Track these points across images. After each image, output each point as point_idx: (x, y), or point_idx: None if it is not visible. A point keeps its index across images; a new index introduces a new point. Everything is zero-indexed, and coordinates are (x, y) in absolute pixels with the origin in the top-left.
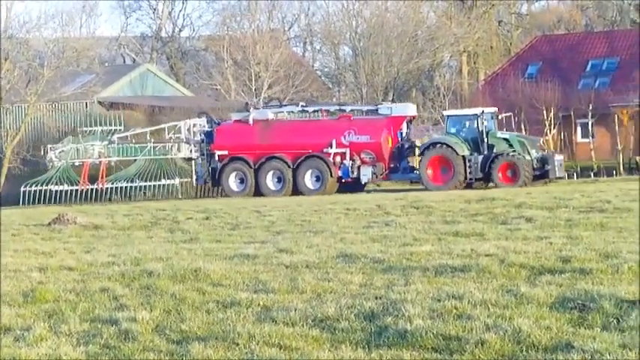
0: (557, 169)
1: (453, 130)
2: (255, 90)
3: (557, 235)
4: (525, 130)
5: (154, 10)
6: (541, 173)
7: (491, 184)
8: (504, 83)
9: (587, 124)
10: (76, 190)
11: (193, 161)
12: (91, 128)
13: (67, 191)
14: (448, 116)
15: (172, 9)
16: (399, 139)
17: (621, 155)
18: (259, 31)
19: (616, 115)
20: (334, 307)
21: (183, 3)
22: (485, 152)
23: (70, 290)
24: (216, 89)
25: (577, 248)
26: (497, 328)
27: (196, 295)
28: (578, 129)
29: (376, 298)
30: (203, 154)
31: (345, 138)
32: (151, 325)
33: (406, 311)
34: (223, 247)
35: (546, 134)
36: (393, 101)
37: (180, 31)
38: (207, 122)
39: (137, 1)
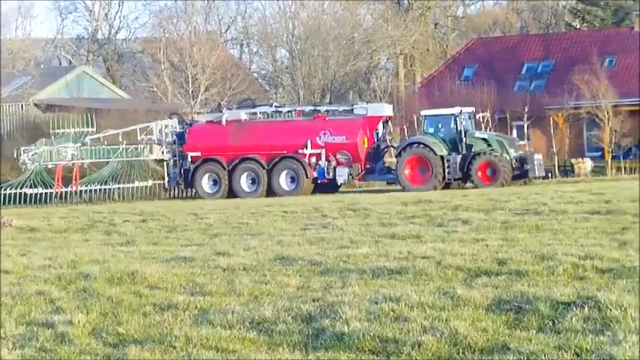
0: (536, 168)
1: (430, 130)
2: (191, 92)
3: (493, 237)
4: None
5: (90, 11)
6: (520, 173)
7: (469, 184)
8: (440, 86)
9: (523, 126)
10: (51, 193)
11: (165, 163)
12: (63, 130)
13: (41, 194)
14: (425, 116)
15: (108, 11)
16: (375, 139)
17: (556, 158)
18: (196, 33)
19: (551, 118)
20: (271, 309)
21: (119, 5)
22: (464, 152)
23: (6, 293)
24: (153, 91)
25: (513, 250)
26: (433, 330)
27: (133, 298)
28: (514, 131)
29: (313, 300)
30: (175, 156)
31: (320, 139)
32: (88, 328)
33: (343, 314)
34: (160, 249)
35: None
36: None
37: (116, 33)
38: (179, 123)
39: (73, 2)
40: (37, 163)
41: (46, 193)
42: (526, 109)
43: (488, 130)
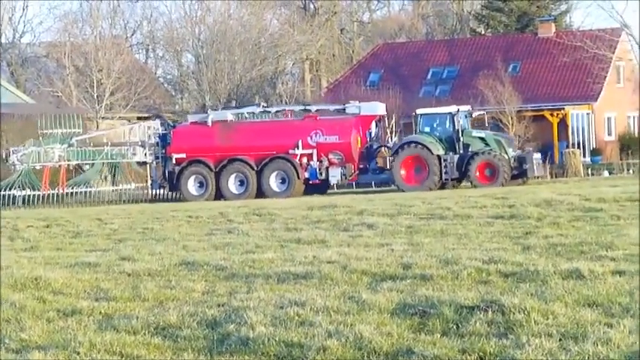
0: (535, 167)
1: (426, 129)
2: (97, 97)
3: (399, 241)
4: None
5: None
6: (519, 172)
7: (464, 184)
8: (346, 91)
9: None
10: (39, 195)
11: (148, 165)
12: (51, 130)
13: (29, 196)
14: (421, 115)
15: (12, 14)
16: (368, 139)
17: None
18: (101, 38)
19: None
20: (176, 314)
21: (24, 9)
22: (461, 151)
23: None
24: (58, 96)
25: (418, 255)
26: (339, 335)
27: (37, 304)
28: None
29: (219, 305)
30: (157, 158)
31: (311, 138)
32: None
33: (249, 318)
34: (64, 255)
35: (388, 141)
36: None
37: (20, 37)
38: (162, 125)
39: None
40: (25, 164)
41: (33, 195)
42: None
43: (394, 134)
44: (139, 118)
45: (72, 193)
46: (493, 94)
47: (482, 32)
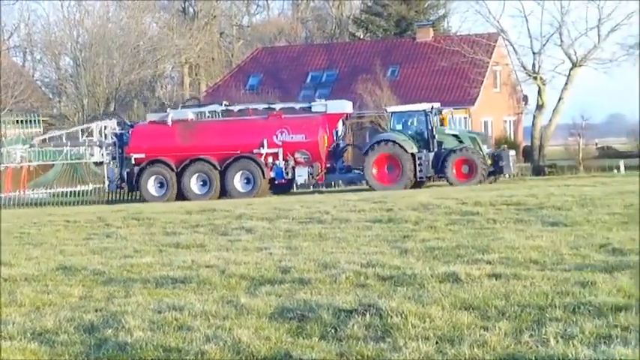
0: (511, 165)
1: (398, 127)
2: None
3: (277, 245)
4: None
5: None
6: (494, 169)
7: (435, 182)
8: (226, 94)
9: None
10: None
11: (105, 165)
12: (12, 131)
13: None
14: (392, 112)
15: None
16: (335, 137)
17: None
18: None
19: None
20: (53, 320)
21: None
22: (435, 149)
23: None
24: None
25: (296, 259)
26: (217, 339)
27: None
28: None
29: (96, 310)
30: (114, 158)
31: (277, 137)
32: None
33: (126, 323)
34: None
35: None
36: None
37: None
38: (118, 124)
39: None
40: None
41: None
42: None
43: None
44: (16, 122)
45: (33, 195)
46: (372, 98)
47: (361, 36)
